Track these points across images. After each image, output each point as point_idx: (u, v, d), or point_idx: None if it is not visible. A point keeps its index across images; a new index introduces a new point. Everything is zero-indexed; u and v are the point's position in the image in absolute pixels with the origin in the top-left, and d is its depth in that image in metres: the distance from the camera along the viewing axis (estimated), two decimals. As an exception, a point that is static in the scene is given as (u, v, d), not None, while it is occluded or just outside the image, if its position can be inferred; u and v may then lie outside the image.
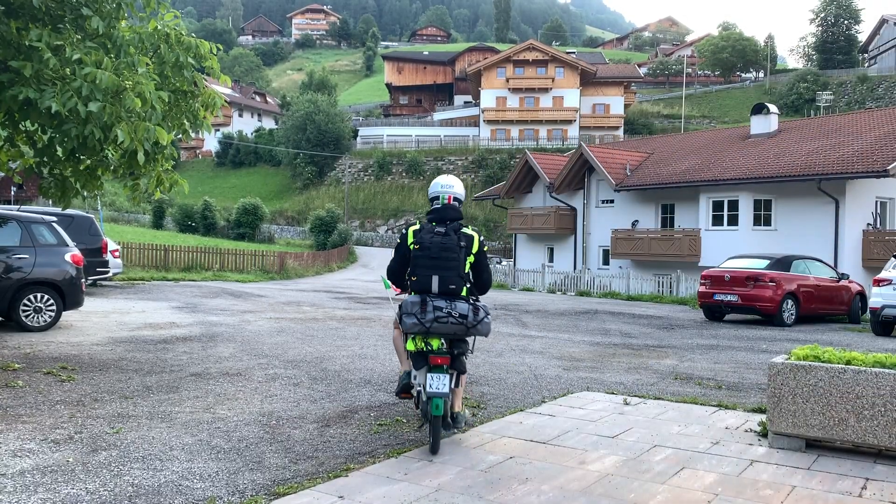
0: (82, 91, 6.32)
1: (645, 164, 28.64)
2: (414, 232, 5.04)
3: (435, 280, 4.88)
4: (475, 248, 5.07)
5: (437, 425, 4.72)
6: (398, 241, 5.15)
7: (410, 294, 5.01)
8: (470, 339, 5.02)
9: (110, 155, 7.64)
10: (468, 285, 5.02)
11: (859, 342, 12.20)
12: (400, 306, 4.87)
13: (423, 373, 4.83)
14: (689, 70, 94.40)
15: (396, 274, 5.22)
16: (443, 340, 4.82)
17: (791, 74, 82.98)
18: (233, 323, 12.00)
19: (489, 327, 4.91)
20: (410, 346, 4.89)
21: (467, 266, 5.03)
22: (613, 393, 6.99)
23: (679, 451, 4.92)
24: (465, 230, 5.04)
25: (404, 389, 5.09)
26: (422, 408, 4.92)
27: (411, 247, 5.00)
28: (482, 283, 5.22)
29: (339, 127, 68.85)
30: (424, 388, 4.78)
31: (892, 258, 14.29)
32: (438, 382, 4.70)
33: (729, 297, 15.46)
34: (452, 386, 4.83)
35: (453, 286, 4.88)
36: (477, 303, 4.98)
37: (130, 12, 7.31)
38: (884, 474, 4.46)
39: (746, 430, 5.52)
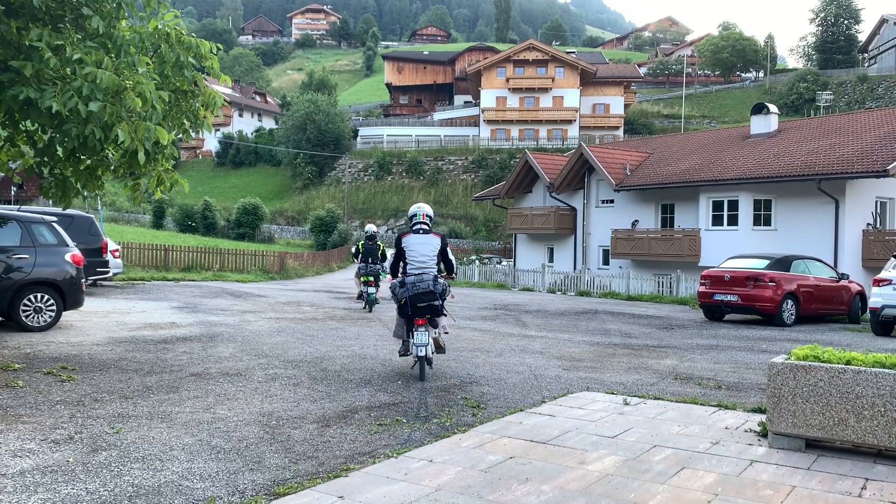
0: (83, 91, 6.32)
1: (645, 164, 28.64)
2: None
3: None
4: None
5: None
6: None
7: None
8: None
9: (111, 155, 7.64)
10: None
11: (859, 342, 12.20)
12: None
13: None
14: (689, 70, 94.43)
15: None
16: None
17: (791, 74, 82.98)
18: (233, 323, 12.00)
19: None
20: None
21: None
22: (613, 393, 6.99)
23: (679, 451, 4.92)
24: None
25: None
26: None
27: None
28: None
29: (339, 127, 68.83)
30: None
31: (892, 258, 14.29)
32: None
33: (729, 297, 15.45)
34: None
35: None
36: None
37: (131, 12, 7.31)
38: (884, 474, 4.46)
39: (746, 430, 5.52)
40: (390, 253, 9.91)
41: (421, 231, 7.81)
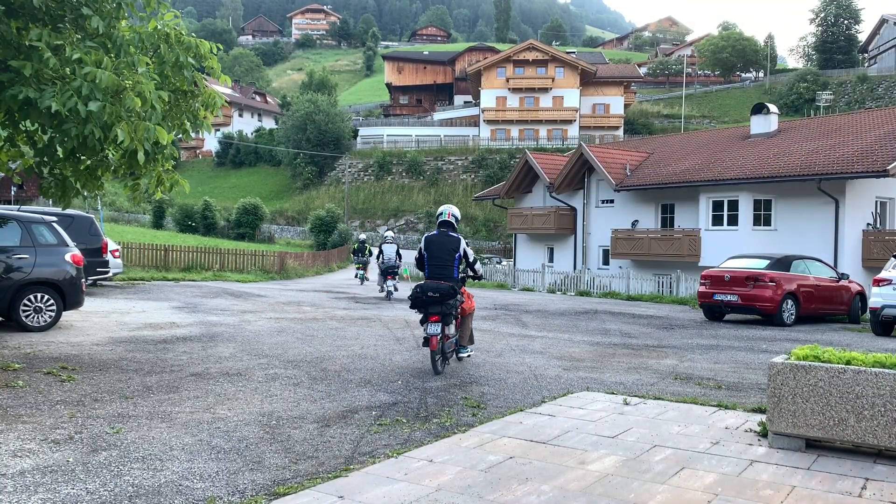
0: (82, 91, 6.32)
1: (645, 164, 28.65)
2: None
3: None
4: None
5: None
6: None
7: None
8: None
9: (110, 155, 7.63)
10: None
11: (859, 342, 12.20)
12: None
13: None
14: (689, 70, 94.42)
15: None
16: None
17: (791, 74, 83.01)
18: (233, 323, 12.00)
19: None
20: None
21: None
22: (613, 393, 6.99)
23: (679, 451, 4.92)
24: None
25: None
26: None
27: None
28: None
29: (339, 127, 68.86)
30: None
31: (892, 258, 14.29)
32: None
33: (729, 297, 15.45)
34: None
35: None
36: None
37: (130, 12, 7.30)
38: (884, 474, 4.46)
39: (746, 430, 5.52)
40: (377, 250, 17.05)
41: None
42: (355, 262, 26.78)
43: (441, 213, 8.37)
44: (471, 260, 8.27)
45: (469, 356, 8.69)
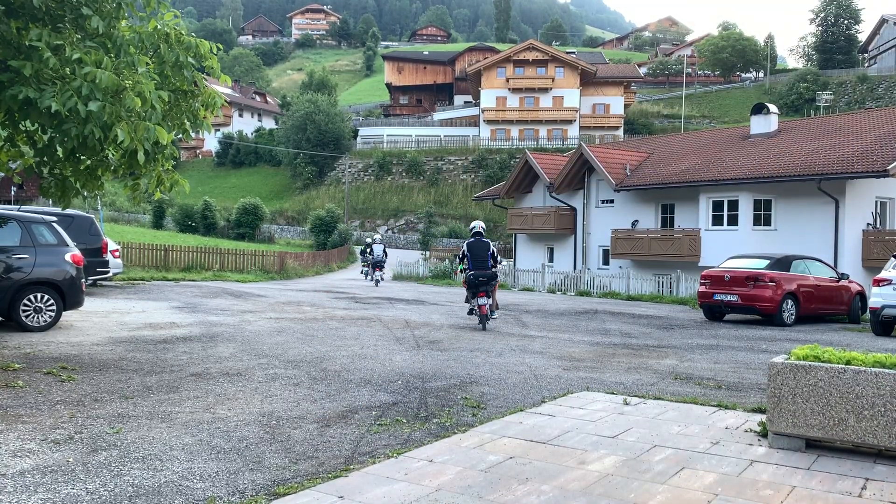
0: (82, 91, 6.31)
1: (645, 164, 28.64)
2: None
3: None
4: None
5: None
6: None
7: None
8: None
9: (110, 155, 7.63)
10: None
11: (859, 342, 12.20)
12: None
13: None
14: (689, 70, 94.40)
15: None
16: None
17: (791, 74, 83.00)
18: (233, 323, 12.00)
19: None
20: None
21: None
22: (613, 393, 6.99)
23: (679, 451, 4.92)
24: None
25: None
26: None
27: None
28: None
29: (340, 127, 68.85)
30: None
31: (892, 258, 14.29)
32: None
33: (729, 297, 15.45)
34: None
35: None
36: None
37: (130, 12, 7.30)
38: (884, 474, 4.46)
39: (746, 430, 5.52)
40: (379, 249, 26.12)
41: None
42: (362, 262, 32.21)
43: (474, 227, 12.94)
44: (496, 256, 12.64)
45: (496, 318, 13.30)
